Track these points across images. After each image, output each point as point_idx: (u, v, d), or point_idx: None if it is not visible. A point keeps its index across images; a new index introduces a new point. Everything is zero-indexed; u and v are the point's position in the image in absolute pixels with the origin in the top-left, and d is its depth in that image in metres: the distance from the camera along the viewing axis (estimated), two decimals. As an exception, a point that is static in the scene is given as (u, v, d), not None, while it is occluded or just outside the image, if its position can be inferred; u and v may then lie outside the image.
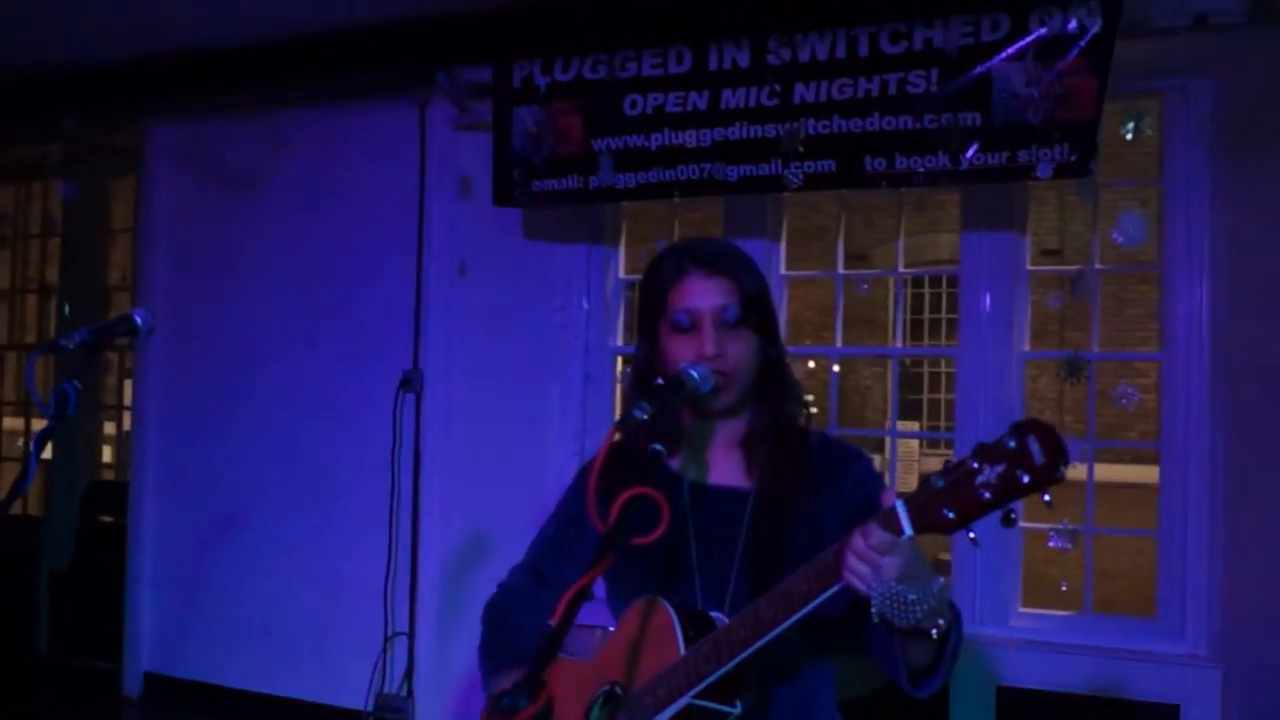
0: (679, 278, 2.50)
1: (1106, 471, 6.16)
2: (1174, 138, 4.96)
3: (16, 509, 7.95)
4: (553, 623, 1.97)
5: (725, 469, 2.56)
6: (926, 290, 16.14)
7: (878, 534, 1.99)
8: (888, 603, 2.01)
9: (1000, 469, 1.85)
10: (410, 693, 6.04)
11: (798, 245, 5.98)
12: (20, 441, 8.64)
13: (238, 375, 6.63)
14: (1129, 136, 5.01)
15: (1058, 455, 1.81)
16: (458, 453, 6.01)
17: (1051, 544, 5.08)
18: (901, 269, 5.85)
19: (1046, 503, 1.88)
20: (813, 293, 12.02)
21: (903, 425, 13.31)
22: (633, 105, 5.25)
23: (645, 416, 2.21)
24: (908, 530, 1.98)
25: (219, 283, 6.71)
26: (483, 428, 6.00)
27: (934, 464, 4.60)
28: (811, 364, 11.27)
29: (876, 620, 2.04)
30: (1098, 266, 5.30)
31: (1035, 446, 1.82)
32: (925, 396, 16.72)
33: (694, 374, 2.35)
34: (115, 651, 6.98)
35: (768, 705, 2.40)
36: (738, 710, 2.26)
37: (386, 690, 6.06)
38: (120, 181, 7.85)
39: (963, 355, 5.35)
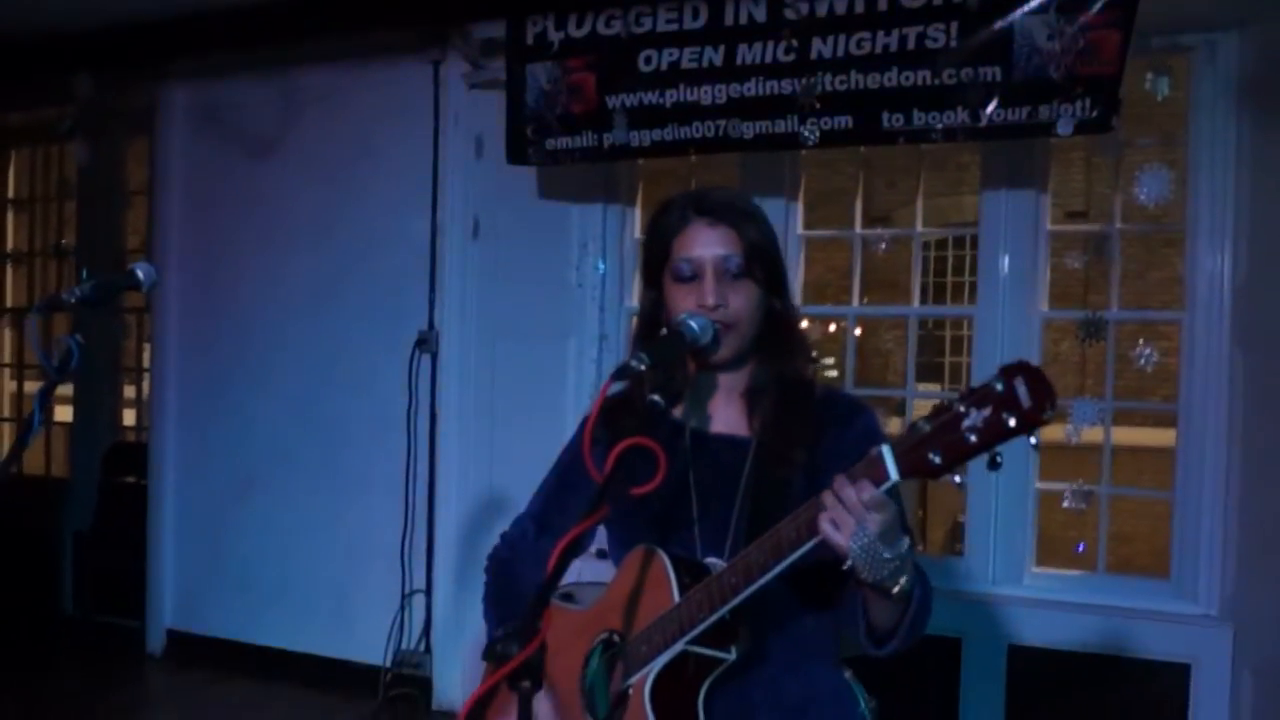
0: (682, 226, 2.48)
1: (1128, 435, 6.12)
2: (1200, 95, 4.87)
3: (39, 470, 8.12)
4: (546, 571, 1.96)
5: (727, 418, 2.55)
6: (950, 253, 16.04)
7: (870, 489, 1.98)
8: (862, 556, 2.01)
9: (986, 412, 1.83)
10: (428, 648, 6.09)
11: (820, 208, 5.92)
12: (41, 406, 8.65)
13: (255, 337, 6.64)
14: (1157, 94, 4.92)
15: (1045, 398, 1.79)
16: (473, 412, 6.01)
17: (1065, 504, 5.03)
18: (920, 229, 5.78)
19: (1033, 446, 1.87)
20: (835, 256, 11.99)
21: (924, 388, 13.24)
22: (647, 61, 5.19)
23: (643, 367, 2.20)
24: (893, 475, 1.97)
25: (234, 244, 6.71)
26: (498, 387, 6.00)
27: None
28: (833, 326, 11.25)
29: (847, 569, 2.04)
30: (1119, 226, 5.23)
31: (1022, 389, 1.80)
32: (947, 360, 16.64)
33: (694, 325, 2.33)
34: (138, 609, 7.05)
35: (764, 653, 2.39)
36: (732, 656, 2.26)
37: (405, 646, 6.10)
38: (135, 143, 7.81)
39: (981, 316, 5.29)
